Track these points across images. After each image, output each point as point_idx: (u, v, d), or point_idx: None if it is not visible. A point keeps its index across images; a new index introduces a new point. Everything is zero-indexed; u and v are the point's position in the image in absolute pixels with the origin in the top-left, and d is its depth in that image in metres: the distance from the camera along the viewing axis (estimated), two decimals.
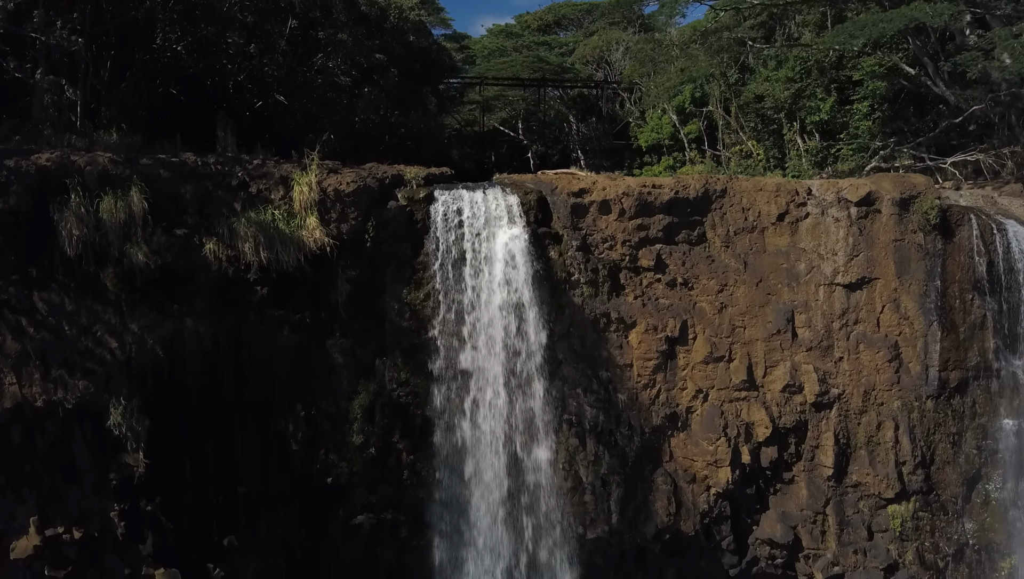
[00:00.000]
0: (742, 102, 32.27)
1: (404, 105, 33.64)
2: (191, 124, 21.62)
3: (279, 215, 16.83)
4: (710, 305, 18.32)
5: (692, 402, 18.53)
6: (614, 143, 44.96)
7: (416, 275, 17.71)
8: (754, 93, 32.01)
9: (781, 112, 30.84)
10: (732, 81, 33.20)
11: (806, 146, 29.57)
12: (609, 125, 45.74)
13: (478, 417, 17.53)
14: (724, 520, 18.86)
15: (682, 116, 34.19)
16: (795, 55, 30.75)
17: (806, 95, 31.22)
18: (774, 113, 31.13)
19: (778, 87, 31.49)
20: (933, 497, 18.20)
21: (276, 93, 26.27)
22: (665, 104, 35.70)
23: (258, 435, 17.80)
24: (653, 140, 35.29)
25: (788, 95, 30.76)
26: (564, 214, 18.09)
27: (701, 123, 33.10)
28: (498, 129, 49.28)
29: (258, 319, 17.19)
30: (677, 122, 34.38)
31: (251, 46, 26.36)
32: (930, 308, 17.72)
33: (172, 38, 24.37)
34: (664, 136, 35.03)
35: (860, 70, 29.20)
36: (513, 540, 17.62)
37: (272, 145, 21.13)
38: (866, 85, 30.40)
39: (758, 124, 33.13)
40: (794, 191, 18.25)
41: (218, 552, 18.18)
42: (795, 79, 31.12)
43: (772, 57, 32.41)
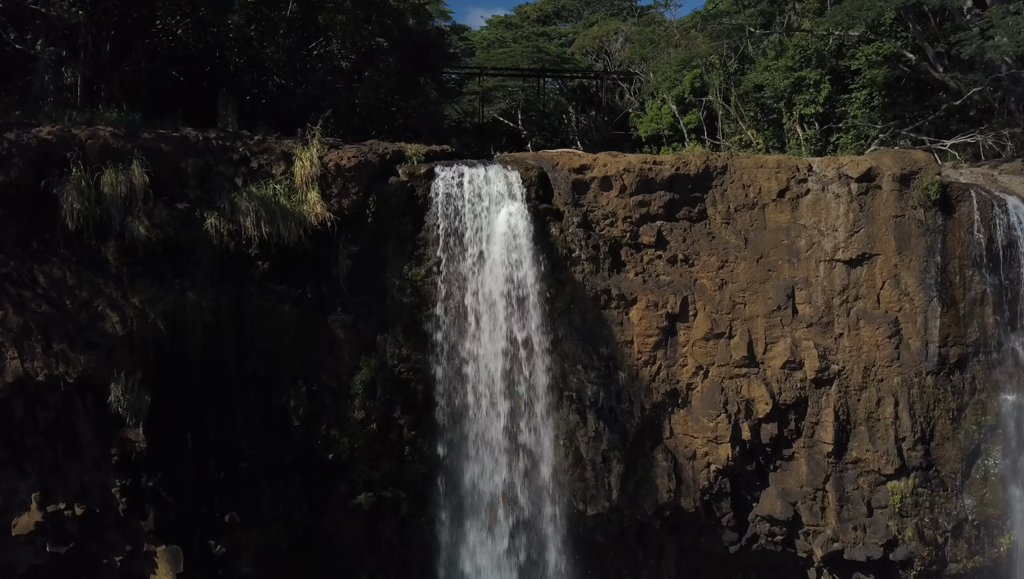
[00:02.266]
0: (741, 91, 32.27)
1: (403, 90, 33.64)
2: (192, 105, 21.58)
3: (280, 190, 16.86)
4: (711, 282, 18.36)
5: (692, 379, 18.56)
6: (613, 133, 44.93)
7: (417, 251, 17.73)
8: (753, 82, 32.02)
9: (780, 101, 30.85)
10: (732, 71, 33.21)
11: (805, 135, 29.60)
12: (609, 116, 45.74)
13: (479, 392, 17.57)
14: (724, 497, 18.91)
15: (681, 106, 34.20)
16: (794, 43, 30.73)
17: (805, 84, 31.21)
18: (774, 102, 31.14)
19: (777, 76, 31.47)
20: (932, 473, 18.26)
21: (276, 76, 26.27)
22: (665, 94, 35.68)
23: (260, 410, 17.85)
24: (653, 130, 35.27)
25: (787, 84, 30.75)
26: (565, 190, 18.11)
27: (701, 113, 33.10)
28: (498, 120, 49.26)
29: (260, 293, 17.23)
30: (676, 112, 34.38)
31: (251, 28, 26.33)
32: (930, 284, 17.76)
33: (172, 20, 24.35)
34: (664, 126, 35.00)
35: (858, 59, 29.21)
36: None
37: (273, 127, 21.18)
38: (864, 73, 30.43)
39: (757, 113, 33.12)
40: (795, 167, 18.29)
41: (219, 528, 18.24)
42: (794, 68, 31.10)
43: (772, 46, 32.40)
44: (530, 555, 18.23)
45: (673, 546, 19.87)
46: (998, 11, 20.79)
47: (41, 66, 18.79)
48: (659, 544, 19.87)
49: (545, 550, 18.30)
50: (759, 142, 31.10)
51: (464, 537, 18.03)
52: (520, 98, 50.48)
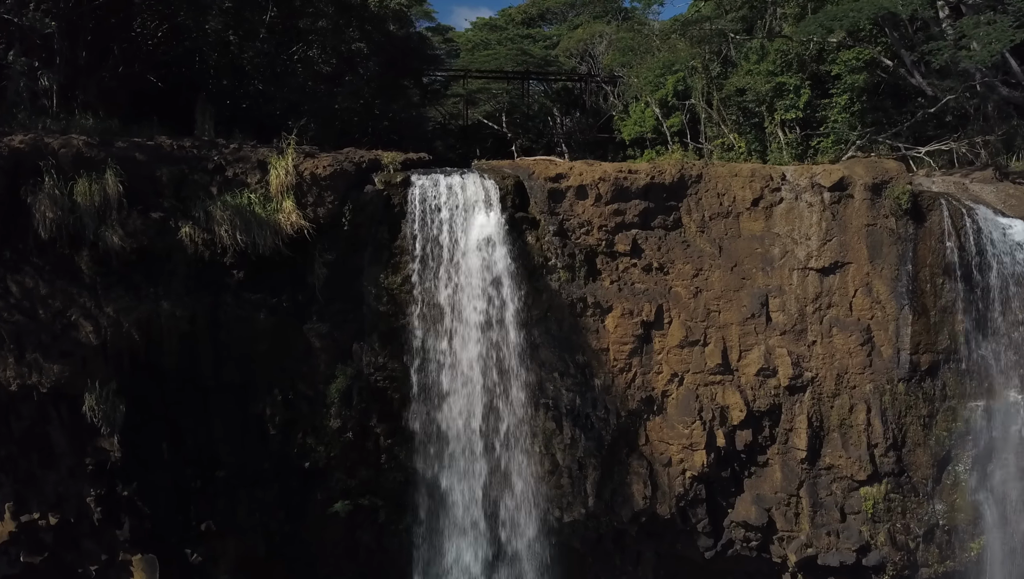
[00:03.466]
0: (724, 95, 32.44)
1: (384, 95, 33.68)
2: (172, 111, 21.56)
3: (255, 199, 16.85)
4: (685, 290, 18.48)
5: (668, 386, 18.68)
6: (597, 136, 45.03)
7: (393, 259, 17.77)
8: (736, 86, 32.21)
9: (762, 106, 31.06)
10: (715, 74, 33.37)
11: (786, 139, 29.81)
12: (593, 118, 45.83)
13: (454, 400, 17.62)
14: (700, 503, 19.03)
15: (665, 109, 34.34)
16: (775, 48, 30.93)
17: (785, 89, 31.44)
18: (755, 106, 31.35)
19: (759, 80, 31.67)
20: (904, 479, 18.44)
21: (257, 81, 26.27)
22: (648, 97, 35.82)
23: (236, 418, 17.84)
24: (636, 133, 35.39)
25: (768, 89, 30.95)
26: (541, 199, 18.19)
27: (684, 116, 33.26)
28: (483, 122, 49.26)
29: (235, 302, 17.22)
30: (660, 115, 34.52)
31: (230, 34, 26.32)
32: (902, 292, 17.94)
33: (151, 24, 24.31)
34: (647, 129, 35.14)
35: (839, 64, 29.45)
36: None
37: (253, 132, 21.18)
38: (844, 79, 30.66)
39: (739, 117, 33.30)
40: (768, 176, 18.43)
41: (196, 536, 18.24)
42: (775, 72, 31.30)
43: (754, 50, 32.61)
44: (507, 563, 18.32)
45: (650, 552, 19.98)
46: (970, 21, 21.00)
47: (15, 74, 18.70)
48: (636, 550, 19.98)
49: (521, 558, 18.38)
50: (741, 146, 31.27)
51: (441, 545, 18.06)
52: (504, 100, 50.49)
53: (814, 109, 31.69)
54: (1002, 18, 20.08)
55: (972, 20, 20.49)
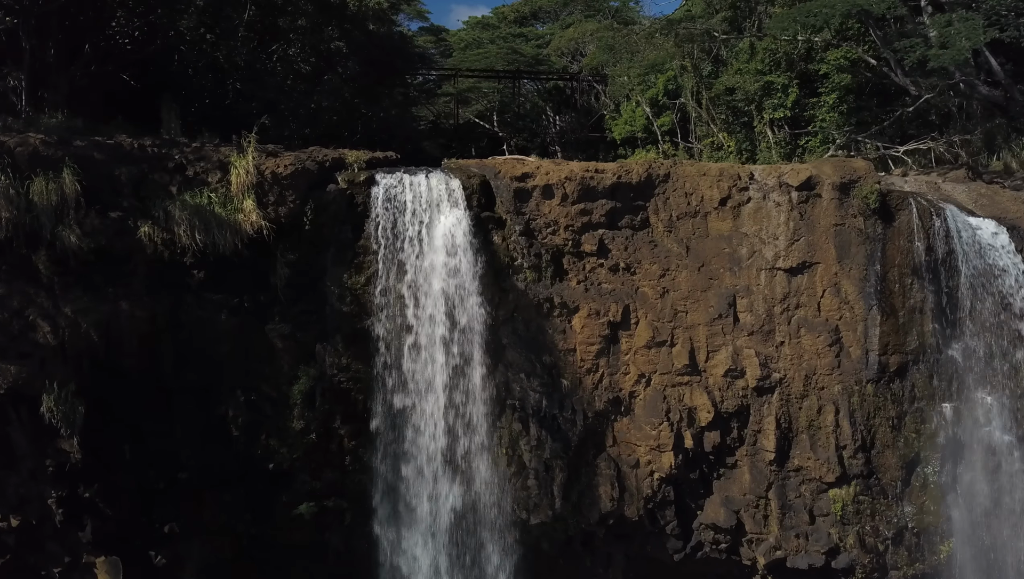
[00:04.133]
0: (713, 94, 32.32)
1: (365, 94, 33.53)
2: (148, 110, 21.48)
3: (215, 198, 16.72)
4: (652, 290, 18.32)
5: (635, 387, 18.53)
6: (589, 135, 44.91)
7: (357, 259, 17.62)
8: (725, 85, 32.10)
9: (751, 105, 30.96)
10: (706, 73, 33.24)
11: (775, 138, 29.69)
12: (584, 118, 45.71)
13: (418, 402, 17.48)
14: (668, 505, 18.87)
15: (655, 108, 34.22)
16: (763, 47, 30.83)
17: (773, 88, 31.35)
18: (744, 106, 31.24)
19: (748, 80, 31.56)
20: (873, 481, 18.29)
21: (235, 80, 26.11)
22: (638, 96, 35.72)
23: (199, 420, 17.68)
24: (627, 132, 35.32)
25: (757, 88, 30.84)
26: (507, 198, 18.04)
27: (675, 115, 33.13)
28: (475, 122, 49.12)
29: (196, 302, 17.09)
30: (650, 114, 34.42)
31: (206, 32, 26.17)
32: (870, 292, 17.79)
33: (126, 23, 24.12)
34: (638, 128, 35.05)
35: (827, 64, 29.36)
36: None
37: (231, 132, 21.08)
38: (832, 78, 30.57)
39: (728, 116, 33.19)
40: (736, 176, 18.28)
41: (160, 538, 18.10)
42: (764, 72, 31.20)
43: (744, 50, 32.50)
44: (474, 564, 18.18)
45: (620, 554, 19.82)
46: (942, 19, 20.85)
47: None
48: (606, 552, 19.83)
49: (488, 561, 18.25)
50: (730, 145, 31.17)
51: (405, 546, 17.93)
52: (495, 100, 50.34)
53: (802, 108, 31.62)
54: (973, 16, 19.91)
55: (944, 19, 20.34)
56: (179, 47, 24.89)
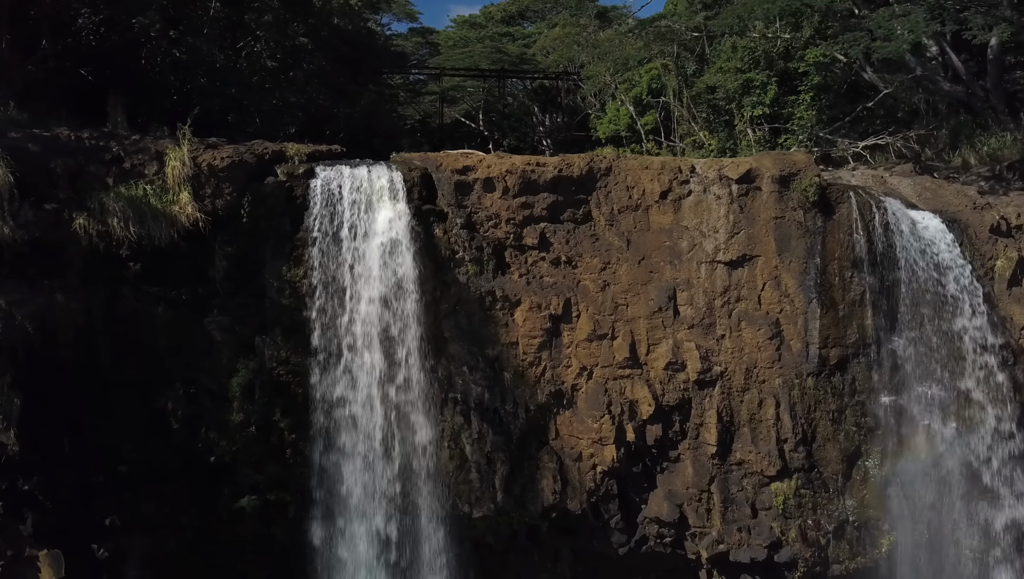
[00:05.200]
0: (694, 93, 32.36)
1: (335, 91, 33.50)
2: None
3: (151, 190, 16.72)
4: (593, 283, 18.32)
5: (577, 380, 18.52)
6: (574, 135, 44.91)
7: (296, 252, 17.60)
8: (706, 84, 32.13)
9: (732, 103, 31.01)
10: (690, 72, 33.27)
11: (755, 136, 29.71)
12: (571, 117, 45.73)
13: (355, 395, 17.47)
14: (612, 498, 18.85)
15: (639, 107, 34.23)
16: (743, 45, 30.87)
17: (753, 86, 31.39)
18: (725, 104, 31.29)
19: (728, 77, 31.60)
20: (815, 474, 18.26)
21: (200, 76, 26.09)
22: (622, 95, 35.74)
23: (138, 413, 17.63)
24: (611, 131, 35.36)
25: (736, 85, 30.89)
26: (448, 191, 18.04)
27: (658, 114, 33.18)
28: (461, 121, 49.10)
29: (133, 295, 17.06)
30: (634, 113, 34.44)
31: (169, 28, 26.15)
32: (810, 285, 17.77)
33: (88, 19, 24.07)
34: (622, 127, 35.07)
35: (805, 62, 29.40)
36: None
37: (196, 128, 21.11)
38: (811, 76, 30.63)
39: (710, 115, 33.20)
40: (677, 169, 18.27)
41: (102, 531, 18.07)
42: (743, 69, 31.25)
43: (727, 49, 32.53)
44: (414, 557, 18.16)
45: (567, 549, 19.80)
46: (885, 12, 20.84)
47: None
48: (554, 547, 19.81)
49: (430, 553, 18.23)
50: (711, 143, 31.20)
51: (343, 540, 17.91)
52: (480, 99, 50.32)
53: (781, 106, 31.66)
54: (916, 10, 19.90)
55: (887, 12, 20.34)
56: (142, 43, 24.87)
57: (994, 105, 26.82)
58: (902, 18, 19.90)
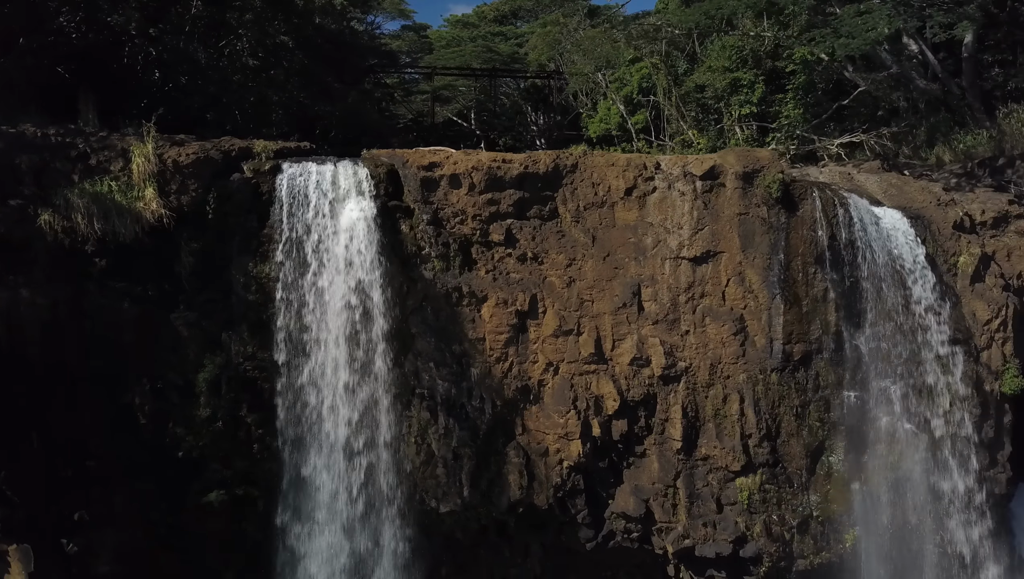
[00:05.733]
0: (683, 92, 32.44)
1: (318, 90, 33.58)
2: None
3: (116, 187, 16.82)
4: (559, 279, 18.40)
5: (543, 375, 18.60)
6: (566, 133, 44.97)
7: (262, 248, 17.70)
8: (695, 83, 32.22)
9: (720, 102, 31.12)
10: (681, 71, 33.34)
11: (743, 135, 29.82)
12: (562, 115, 45.77)
13: (322, 390, 17.58)
14: (578, 494, 18.93)
15: (630, 106, 34.34)
16: (730, 44, 30.97)
17: (740, 85, 31.48)
18: (714, 103, 31.38)
19: (717, 76, 31.70)
20: (779, 470, 18.35)
21: (180, 74, 26.20)
22: (613, 94, 35.82)
23: (106, 408, 17.74)
24: (602, 130, 35.45)
25: (725, 84, 31.00)
26: (414, 187, 18.13)
27: (648, 113, 33.28)
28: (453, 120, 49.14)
29: (99, 290, 17.16)
30: (624, 112, 34.55)
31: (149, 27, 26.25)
32: (774, 281, 17.84)
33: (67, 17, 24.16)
34: (612, 126, 35.16)
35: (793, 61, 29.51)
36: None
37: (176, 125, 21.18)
38: (798, 75, 30.71)
39: (699, 113, 33.28)
40: (642, 165, 18.35)
41: (71, 526, 18.17)
42: (731, 68, 31.35)
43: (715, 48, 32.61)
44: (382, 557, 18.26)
45: (536, 544, 19.90)
46: (849, 10, 20.93)
47: None
48: (524, 542, 19.91)
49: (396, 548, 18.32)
50: (700, 142, 31.30)
51: (312, 534, 18.01)
52: (471, 98, 50.39)
53: (769, 104, 31.74)
54: (880, 8, 19.98)
55: (852, 9, 20.43)
56: (123, 41, 24.97)
57: (970, 103, 26.92)
58: (867, 15, 19.96)
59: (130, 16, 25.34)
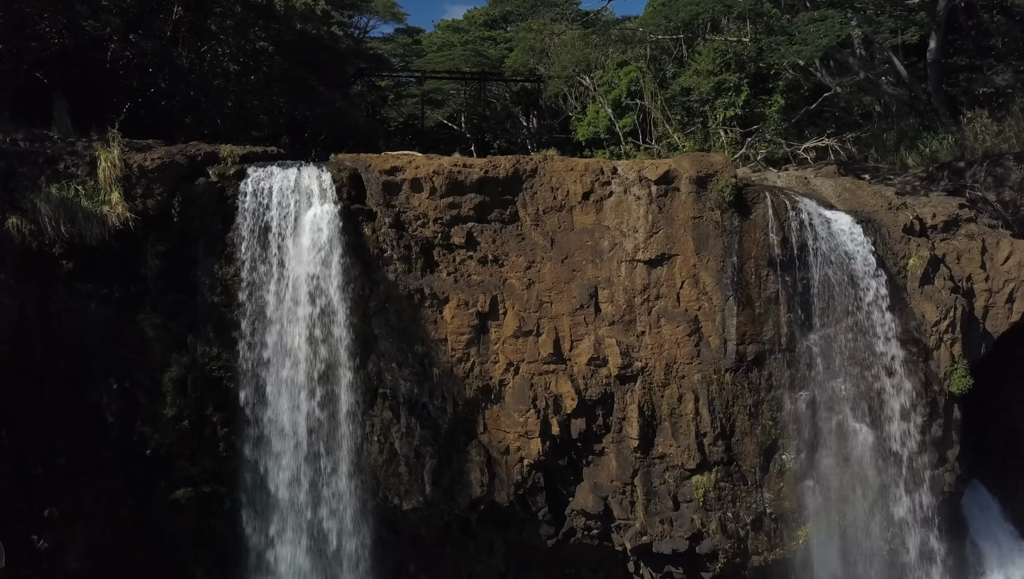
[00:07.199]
0: (668, 95, 32.84)
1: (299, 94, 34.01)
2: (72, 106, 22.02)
3: (83, 191, 17.24)
4: (519, 281, 18.79)
5: (504, 375, 18.98)
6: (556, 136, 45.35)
7: (227, 250, 18.11)
8: (681, 86, 32.61)
9: (705, 105, 31.51)
10: (669, 75, 33.72)
11: (727, 138, 30.22)
12: (552, 118, 46.14)
13: (283, 390, 17.97)
14: (539, 491, 19.30)
15: (618, 110, 34.75)
16: (714, 47, 31.38)
17: (725, 88, 31.89)
18: (699, 106, 31.76)
19: (702, 80, 32.10)
20: (734, 468, 18.71)
21: (160, 79, 26.63)
22: (601, 97, 36.22)
23: (74, 407, 18.15)
24: (591, 133, 35.87)
25: (709, 87, 31.41)
26: (377, 191, 18.53)
27: (636, 117, 33.67)
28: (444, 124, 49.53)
29: (66, 292, 17.57)
30: (612, 115, 34.95)
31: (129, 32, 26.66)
32: (727, 283, 18.22)
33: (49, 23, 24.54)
34: (600, 129, 35.55)
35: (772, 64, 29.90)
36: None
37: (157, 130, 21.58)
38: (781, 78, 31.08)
39: (684, 117, 33.67)
40: (600, 170, 18.73)
41: (41, 523, 18.56)
42: (715, 72, 31.75)
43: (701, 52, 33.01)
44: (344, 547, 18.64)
45: (499, 541, 20.28)
46: (804, 17, 21.34)
47: None
48: (487, 539, 20.29)
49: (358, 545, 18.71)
50: (685, 146, 31.70)
51: (274, 532, 18.39)
52: (462, 102, 50.77)
53: (753, 107, 32.15)
54: (833, 14, 20.40)
55: (806, 16, 20.84)
56: (103, 46, 25.36)
57: (936, 108, 27.33)
58: (819, 22, 20.37)
59: (111, 21, 25.78)
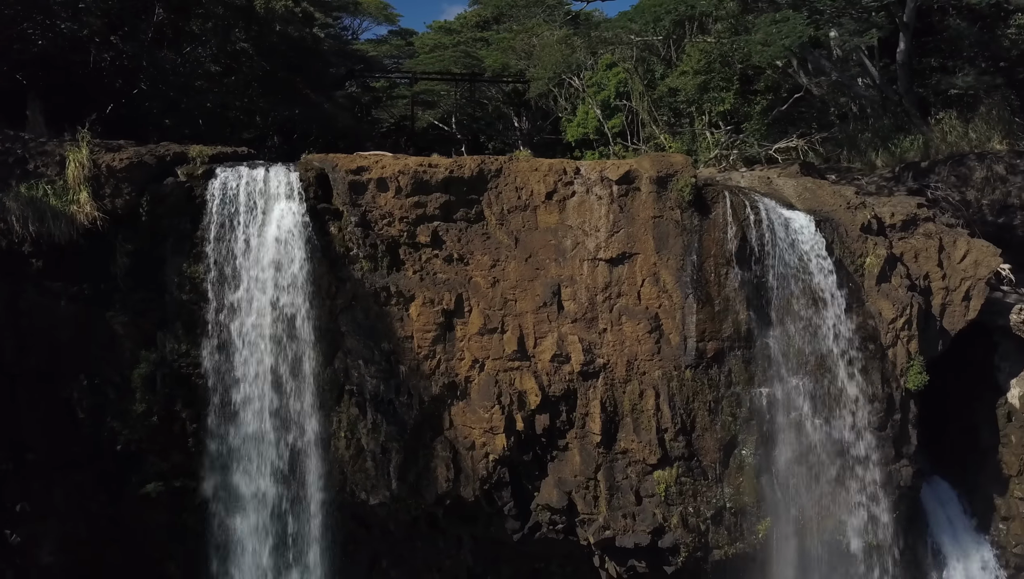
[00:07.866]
0: (656, 96, 33.18)
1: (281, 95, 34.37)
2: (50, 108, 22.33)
3: (52, 190, 17.54)
4: (484, 280, 19.10)
5: (470, 372, 19.29)
6: (547, 137, 45.72)
7: (195, 249, 18.42)
8: (668, 87, 32.94)
9: (692, 106, 31.85)
10: (658, 76, 34.05)
11: (714, 139, 30.58)
12: (543, 119, 46.48)
13: (249, 385, 18.27)
14: (504, 486, 19.60)
15: (607, 110, 35.09)
16: (700, 48, 31.68)
17: (712, 87, 32.21)
18: (686, 107, 32.09)
19: (689, 81, 32.42)
20: (695, 463, 19.02)
21: (141, 80, 26.96)
22: (590, 98, 36.55)
23: (44, 403, 18.46)
24: (580, 134, 36.26)
25: (694, 87, 31.73)
26: (343, 190, 18.84)
27: (625, 117, 33.98)
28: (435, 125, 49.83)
29: (36, 290, 17.87)
30: (601, 116, 35.26)
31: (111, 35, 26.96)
32: (687, 282, 18.53)
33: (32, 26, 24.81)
34: (590, 130, 35.92)
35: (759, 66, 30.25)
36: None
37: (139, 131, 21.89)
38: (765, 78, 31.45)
39: (671, 117, 34.00)
40: (563, 171, 19.04)
41: (13, 518, 18.87)
42: (701, 72, 32.06)
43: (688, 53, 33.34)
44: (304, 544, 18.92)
45: (467, 536, 20.59)
46: (767, 18, 21.67)
47: None
48: (455, 534, 20.60)
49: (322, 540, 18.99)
50: (672, 146, 32.02)
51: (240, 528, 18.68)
52: (452, 103, 51.09)
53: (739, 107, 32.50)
54: (796, 16, 20.73)
55: (769, 18, 21.18)
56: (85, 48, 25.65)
57: (906, 108, 27.69)
58: (781, 23, 20.69)
59: (92, 23, 26.07)
